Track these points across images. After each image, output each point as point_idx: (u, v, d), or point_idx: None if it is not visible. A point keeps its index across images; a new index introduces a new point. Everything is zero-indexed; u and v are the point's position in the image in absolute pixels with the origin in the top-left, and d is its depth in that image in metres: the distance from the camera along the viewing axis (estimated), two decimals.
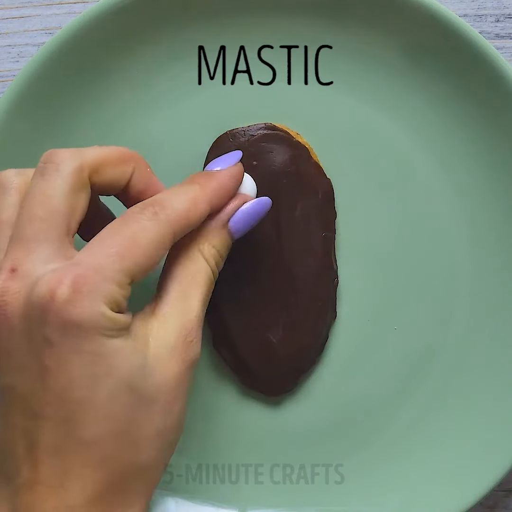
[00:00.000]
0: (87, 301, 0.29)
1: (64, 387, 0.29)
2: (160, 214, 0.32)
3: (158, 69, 0.40)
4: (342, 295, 0.40)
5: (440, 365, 0.40)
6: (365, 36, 0.39)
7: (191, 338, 0.32)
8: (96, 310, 0.29)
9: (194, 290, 0.33)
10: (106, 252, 0.30)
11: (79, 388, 0.29)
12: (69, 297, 0.29)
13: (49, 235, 0.31)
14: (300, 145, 0.39)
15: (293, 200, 0.39)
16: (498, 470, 0.39)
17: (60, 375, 0.29)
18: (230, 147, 0.39)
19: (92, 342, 0.29)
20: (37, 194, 0.32)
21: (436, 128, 0.39)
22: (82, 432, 0.29)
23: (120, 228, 0.31)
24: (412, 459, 0.40)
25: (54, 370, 0.29)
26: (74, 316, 0.29)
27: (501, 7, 0.41)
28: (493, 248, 0.40)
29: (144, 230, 0.31)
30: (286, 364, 0.39)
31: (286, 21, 0.39)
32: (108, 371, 0.30)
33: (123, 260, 0.30)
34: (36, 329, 0.29)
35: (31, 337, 0.30)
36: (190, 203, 0.33)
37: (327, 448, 0.40)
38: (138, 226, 0.31)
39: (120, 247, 0.30)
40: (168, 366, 0.31)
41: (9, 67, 0.42)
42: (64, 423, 0.29)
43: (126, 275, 0.31)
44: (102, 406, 0.30)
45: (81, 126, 0.40)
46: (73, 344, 0.29)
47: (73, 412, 0.29)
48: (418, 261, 0.40)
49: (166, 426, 0.31)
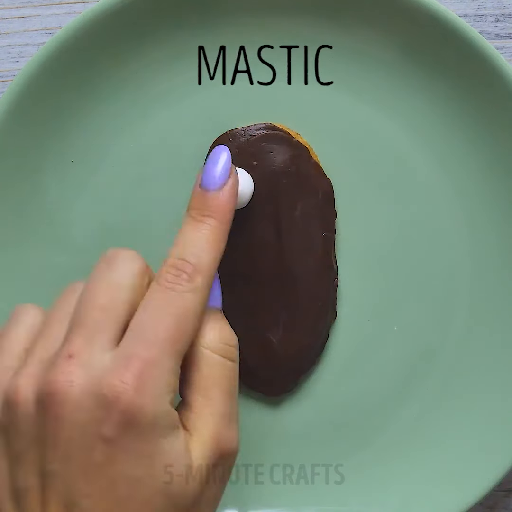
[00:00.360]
0: (150, 400, 0.29)
1: (109, 484, 0.29)
2: (195, 278, 0.32)
3: (158, 69, 0.40)
4: (342, 295, 0.40)
5: (440, 365, 0.40)
6: (365, 36, 0.39)
7: (224, 443, 0.32)
8: (160, 410, 0.30)
9: (216, 391, 0.33)
10: (159, 338, 0.30)
11: (123, 487, 0.29)
12: (133, 397, 0.29)
13: (109, 325, 0.31)
14: (300, 145, 0.39)
15: (293, 200, 0.39)
16: (498, 470, 0.39)
17: (108, 472, 0.29)
18: (230, 147, 0.39)
19: (148, 443, 0.30)
20: (103, 284, 0.32)
21: (436, 128, 0.39)
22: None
23: (166, 308, 0.31)
24: (412, 459, 0.40)
25: (103, 467, 0.29)
26: (138, 416, 0.29)
27: (501, 7, 0.41)
28: (493, 248, 0.40)
29: (188, 303, 0.32)
30: (286, 364, 0.39)
31: (286, 21, 0.39)
32: (154, 473, 0.30)
33: (176, 344, 0.31)
34: (91, 422, 0.29)
35: (84, 429, 0.29)
36: (214, 249, 0.33)
37: (327, 448, 0.40)
38: (181, 300, 0.31)
39: (171, 330, 0.31)
40: (208, 473, 0.31)
41: (9, 67, 0.42)
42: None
43: (179, 359, 0.31)
44: (140, 507, 0.30)
45: (81, 126, 0.40)
46: (130, 443, 0.29)
47: (111, 509, 0.29)
48: (418, 261, 0.40)
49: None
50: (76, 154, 0.40)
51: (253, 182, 0.38)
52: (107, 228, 0.40)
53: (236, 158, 0.38)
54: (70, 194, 0.40)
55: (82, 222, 0.40)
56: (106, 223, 0.40)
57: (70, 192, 0.40)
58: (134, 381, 0.29)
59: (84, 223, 0.40)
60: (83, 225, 0.40)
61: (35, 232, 0.40)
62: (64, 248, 0.40)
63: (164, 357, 0.30)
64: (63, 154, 0.40)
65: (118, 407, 0.29)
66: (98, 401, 0.29)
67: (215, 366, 0.33)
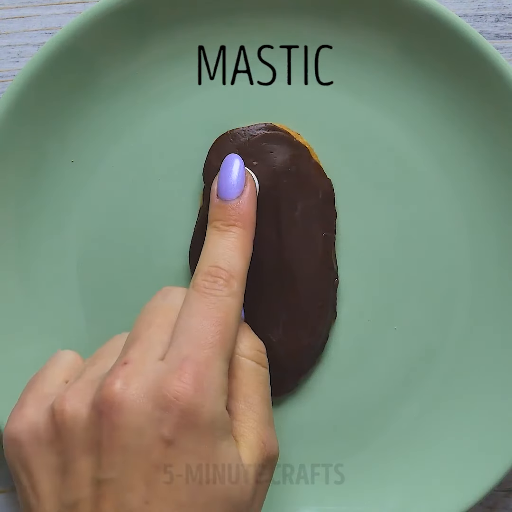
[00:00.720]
0: (208, 400, 0.30)
1: (170, 487, 0.29)
2: (232, 283, 0.33)
3: (158, 69, 0.40)
4: (342, 295, 0.40)
5: (440, 365, 0.40)
6: (365, 36, 0.39)
7: (269, 447, 0.33)
8: (218, 411, 0.30)
9: (256, 398, 0.33)
10: (210, 341, 0.31)
11: (184, 491, 0.29)
12: (193, 396, 0.29)
13: (162, 337, 0.32)
14: (301, 145, 0.39)
15: (294, 200, 0.39)
16: (498, 470, 0.39)
17: (167, 475, 0.29)
18: (230, 147, 0.39)
19: (207, 445, 0.30)
20: (158, 309, 0.33)
21: (436, 128, 0.39)
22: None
23: (212, 312, 0.32)
24: (412, 459, 0.40)
25: (162, 469, 0.29)
26: (198, 416, 0.29)
27: (501, 7, 0.41)
28: (493, 248, 0.40)
29: (229, 307, 0.32)
30: (286, 364, 0.39)
31: (286, 21, 0.39)
32: (213, 478, 0.30)
33: (225, 346, 0.31)
34: (150, 424, 0.29)
35: (142, 432, 0.29)
36: (243, 255, 0.34)
37: (327, 448, 0.40)
38: (223, 305, 0.32)
39: (220, 333, 0.31)
40: (258, 476, 0.32)
41: (9, 67, 0.42)
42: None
43: (228, 361, 0.32)
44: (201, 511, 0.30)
45: (81, 126, 0.40)
46: (189, 444, 0.29)
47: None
48: (418, 261, 0.40)
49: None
50: (76, 154, 0.40)
51: (258, 182, 0.38)
52: (107, 228, 0.40)
53: None
54: (70, 194, 0.40)
55: (82, 222, 0.40)
56: (106, 223, 0.40)
57: (70, 192, 0.40)
58: (193, 381, 0.30)
59: (84, 223, 0.40)
60: (83, 225, 0.40)
61: (35, 232, 0.40)
62: (64, 248, 0.40)
63: (216, 358, 0.31)
64: (63, 154, 0.40)
65: (179, 407, 0.29)
66: (157, 402, 0.29)
67: (252, 373, 0.34)
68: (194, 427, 0.29)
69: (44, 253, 0.40)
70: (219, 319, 0.32)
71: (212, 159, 0.39)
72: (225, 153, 0.38)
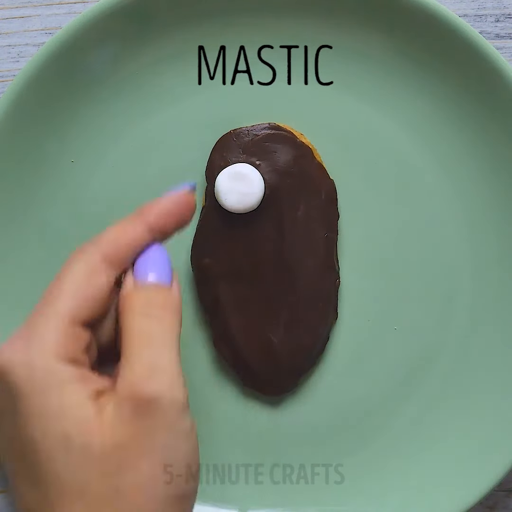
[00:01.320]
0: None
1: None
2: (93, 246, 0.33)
3: (158, 69, 0.40)
4: (343, 296, 0.40)
5: (440, 365, 0.40)
6: (365, 36, 0.39)
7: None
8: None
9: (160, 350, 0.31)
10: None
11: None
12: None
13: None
14: (304, 145, 0.39)
15: (296, 200, 0.39)
16: (498, 470, 0.39)
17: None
18: (233, 147, 0.39)
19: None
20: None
21: (436, 128, 0.39)
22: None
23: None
24: (412, 459, 0.40)
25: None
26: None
27: (501, 7, 0.41)
28: (493, 248, 0.40)
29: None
30: (287, 364, 0.39)
31: (286, 21, 0.39)
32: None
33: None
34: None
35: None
36: (120, 226, 0.33)
37: (327, 448, 0.40)
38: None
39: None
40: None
41: (9, 67, 0.42)
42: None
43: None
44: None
45: (81, 126, 0.40)
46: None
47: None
48: (419, 261, 0.40)
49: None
50: (76, 154, 0.40)
51: (263, 184, 0.38)
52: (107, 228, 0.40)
53: (239, 158, 0.38)
54: (70, 194, 0.40)
55: (82, 222, 0.40)
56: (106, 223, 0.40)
57: (70, 192, 0.40)
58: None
59: (84, 223, 0.40)
60: (83, 225, 0.40)
61: (35, 232, 0.40)
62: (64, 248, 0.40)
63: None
64: (63, 154, 0.40)
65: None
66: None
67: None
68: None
69: (44, 253, 0.40)
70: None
71: (215, 158, 0.39)
72: (228, 152, 0.38)
